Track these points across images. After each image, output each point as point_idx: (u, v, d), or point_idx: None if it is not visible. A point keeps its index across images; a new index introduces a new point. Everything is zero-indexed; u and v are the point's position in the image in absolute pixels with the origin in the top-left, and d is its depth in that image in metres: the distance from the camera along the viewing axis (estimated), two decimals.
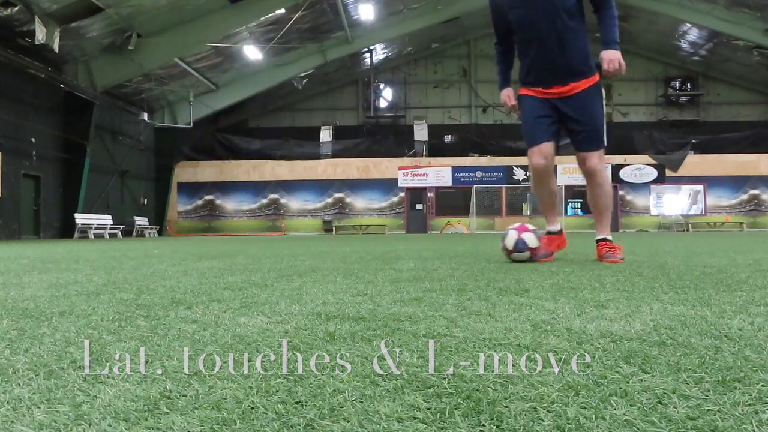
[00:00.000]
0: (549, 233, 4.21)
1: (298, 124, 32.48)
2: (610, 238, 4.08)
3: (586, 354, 1.14)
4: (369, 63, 30.74)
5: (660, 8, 25.22)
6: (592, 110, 3.94)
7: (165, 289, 2.43)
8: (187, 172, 29.79)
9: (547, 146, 3.95)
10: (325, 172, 30.01)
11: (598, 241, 4.09)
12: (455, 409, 0.82)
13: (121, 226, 23.59)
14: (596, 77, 3.94)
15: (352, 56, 28.75)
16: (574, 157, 4.19)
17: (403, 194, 29.74)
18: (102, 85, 21.49)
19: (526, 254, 3.85)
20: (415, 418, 0.79)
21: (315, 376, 1.01)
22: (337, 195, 29.80)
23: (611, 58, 3.84)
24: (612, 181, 29.38)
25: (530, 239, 3.85)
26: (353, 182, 29.81)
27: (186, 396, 0.90)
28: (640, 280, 2.59)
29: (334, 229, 29.28)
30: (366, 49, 28.78)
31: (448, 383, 0.94)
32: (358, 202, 29.83)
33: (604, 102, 4.01)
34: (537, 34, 3.81)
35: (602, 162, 4.03)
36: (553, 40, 3.79)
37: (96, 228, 21.35)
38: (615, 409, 0.81)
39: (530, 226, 3.97)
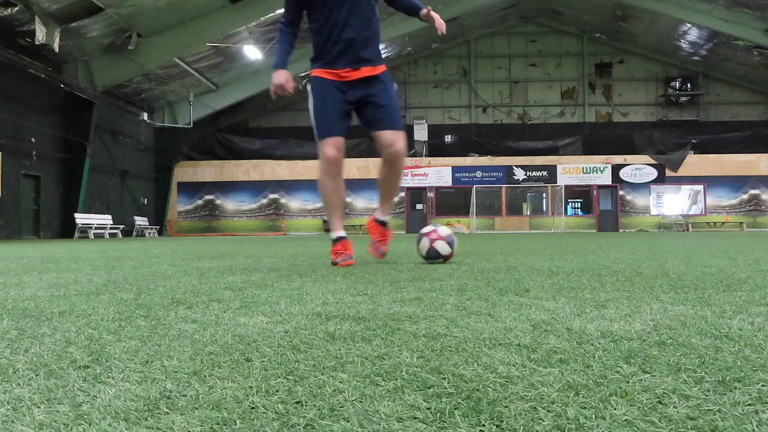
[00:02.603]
0: (339, 239, 3.91)
1: (298, 124, 32.47)
2: (388, 223, 4.06)
3: (586, 354, 1.14)
4: None
5: (660, 8, 25.22)
6: (389, 91, 3.86)
7: (165, 289, 2.43)
8: (187, 172, 29.80)
9: (341, 140, 3.83)
10: None
11: (378, 221, 4.02)
12: (455, 409, 0.82)
13: (121, 226, 23.61)
14: (385, 67, 3.89)
15: None
16: (574, 157, 4.13)
17: (403, 194, 29.74)
18: (102, 85, 21.50)
19: (440, 260, 3.85)
20: (415, 418, 0.79)
21: (315, 376, 1.01)
22: None
23: (436, 15, 3.82)
24: (612, 181, 29.43)
25: (442, 247, 3.82)
26: (353, 182, 29.80)
27: (186, 396, 0.90)
28: (640, 280, 2.59)
29: None
30: None
31: (448, 383, 0.94)
32: (358, 202, 29.83)
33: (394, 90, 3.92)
34: (345, 12, 3.74)
35: (405, 145, 3.93)
36: (359, 20, 3.75)
37: (96, 228, 21.36)
38: (615, 409, 0.81)
39: (442, 232, 3.87)
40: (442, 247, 3.81)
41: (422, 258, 3.90)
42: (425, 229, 3.91)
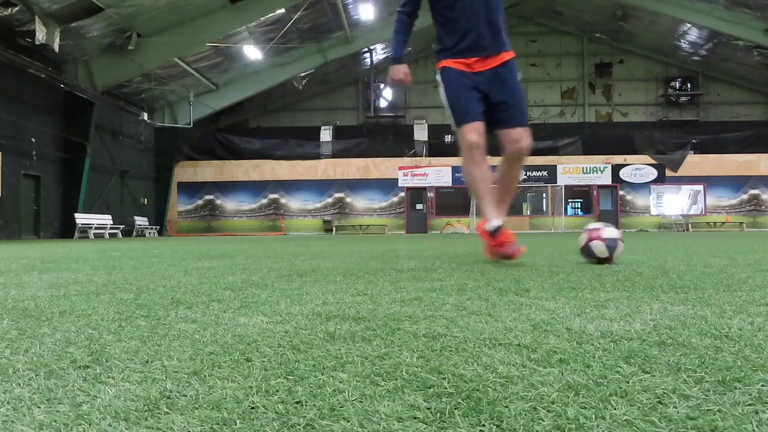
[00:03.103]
0: (500, 228, 3.61)
1: (298, 124, 32.48)
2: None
3: (586, 354, 1.14)
4: (369, 63, 30.75)
5: (660, 8, 25.22)
6: (517, 84, 3.78)
7: (165, 289, 2.43)
8: (187, 172, 29.80)
9: (481, 125, 3.71)
10: (325, 172, 30.01)
11: (497, 229, 3.67)
12: (455, 409, 0.82)
13: (121, 226, 23.60)
14: (513, 53, 3.81)
15: (352, 56, 28.75)
16: (574, 158, 4.07)
17: (403, 194, 29.74)
18: (102, 85, 21.50)
19: (593, 260, 3.57)
20: (415, 418, 0.79)
21: (315, 376, 1.01)
22: (337, 195, 29.81)
23: None
24: (612, 181, 29.43)
25: (598, 249, 3.54)
26: (353, 182, 29.82)
27: (186, 396, 0.90)
28: (640, 280, 2.59)
29: (334, 229, 29.28)
30: (366, 49, 28.79)
31: (448, 383, 0.94)
32: (358, 202, 29.83)
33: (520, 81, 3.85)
34: (468, 3, 3.64)
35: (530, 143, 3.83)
36: (484, 7, 3.66)
37: (96, 228, 21.35)
38: (615, 409, 0.81)
39: (605, 234, 3.58)
40: (598, 249, 3.55)
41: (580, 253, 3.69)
42: (591, 225, 3.69)
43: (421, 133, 31.00)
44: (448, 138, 32.19)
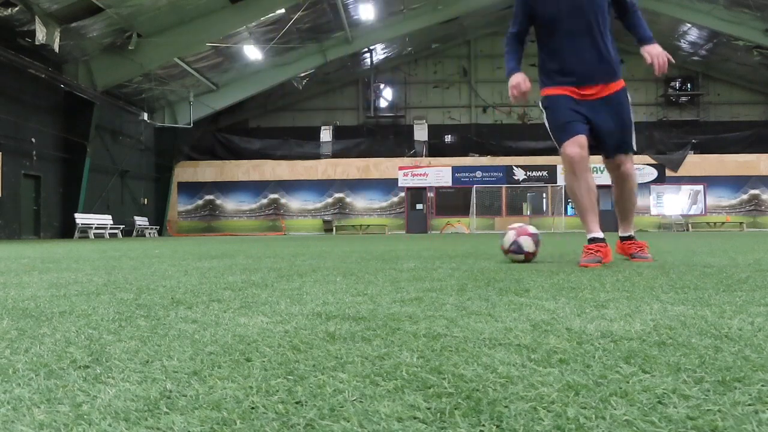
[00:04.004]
0: (594, 240, 3.62)
1: (298, 124, 32.48)
2: (635, 235, 4.11)
3: (586, 354, 1.14)
4: (369, 63, 30.74)
5: (660, 8, 25.21)
6: (623, 113, 3.77)
7: (165, 289, 2.43)
8: (187, 172, 29.80)
9: (582, 138, 3.65)
10: (325, 172, 30.02)
11: (624, 239, 4.06)
12: (455, 409, 0.82)
13: (122, 226, 23.60)
14: (623, 82, 3.81)
15: (352, 56, 28.74)
16: None
17: (403, 194, 29.74)
18: (102, 85, 21.49)
19: (521, 257, 3.83)
20: (415, 418, 0.79)
21: (315, 376, 1.01)
22: (337, 195, 29.81)
23: (657, 52, 3.70)
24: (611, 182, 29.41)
25: (527, 243, 3.80)
26: (353, 182, 29.81)
27: (186, 396, 0.90)
28: (640, 280, 2.59)
29: (334, 229, 29.28)
30: (366, 49, 28.78)
31: (448, 383, 0.94)
32: (358, 202, 29.83)
33: (631, 107, 3.83)
34: (572, 29, 3.63)
35: (633, 165, 3.93)
36: (587, 36, 3.64)
37: (96, 228, 21.35)
38: (615, 409, 0.81)
39: (531, 229, 3.89)
40: (527, 244, 3.80)
41: (504, 252, 3.92)
42: (514, 225, 3.95)
43: (421, 133, 31.00)
44: (448, 138, 32.21)
